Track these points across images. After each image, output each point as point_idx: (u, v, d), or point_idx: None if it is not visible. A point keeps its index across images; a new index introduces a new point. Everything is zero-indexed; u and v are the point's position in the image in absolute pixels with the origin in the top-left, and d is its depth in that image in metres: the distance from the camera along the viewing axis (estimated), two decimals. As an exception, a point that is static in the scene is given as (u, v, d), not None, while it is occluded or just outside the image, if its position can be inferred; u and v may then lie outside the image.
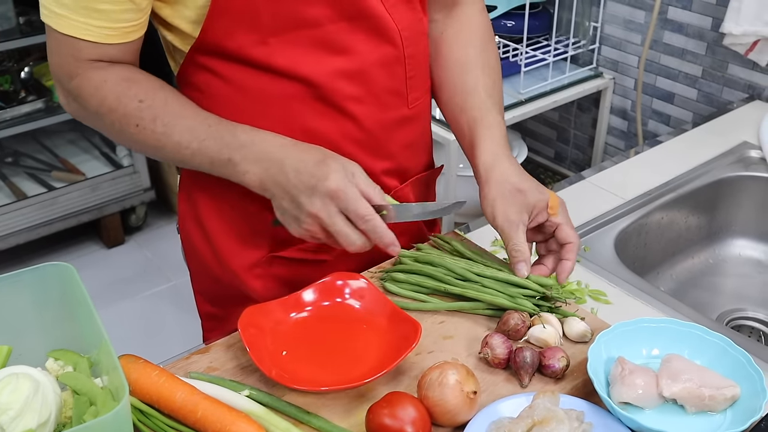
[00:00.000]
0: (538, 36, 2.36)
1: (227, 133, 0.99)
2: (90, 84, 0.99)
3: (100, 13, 0.94)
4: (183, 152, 1.00)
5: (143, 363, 0.92)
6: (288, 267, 1.13)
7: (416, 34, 1.10)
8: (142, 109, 0.99)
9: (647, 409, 0.92)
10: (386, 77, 1.07)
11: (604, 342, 0.97)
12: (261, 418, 0.88)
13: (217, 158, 0.99)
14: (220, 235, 1.13)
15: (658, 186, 1.50)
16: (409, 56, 1.08)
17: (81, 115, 1.05)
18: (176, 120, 0.99)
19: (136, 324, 2.59)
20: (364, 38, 1.03)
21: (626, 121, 2.38)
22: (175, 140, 0.99)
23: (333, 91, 1.03)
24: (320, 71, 1.01)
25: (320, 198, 0.94)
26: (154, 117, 0.99)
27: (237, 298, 1.14)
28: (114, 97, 0.99)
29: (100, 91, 0.99)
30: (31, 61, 2.83)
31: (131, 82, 1.00)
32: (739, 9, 1.83)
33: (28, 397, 0.78)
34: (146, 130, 0.99)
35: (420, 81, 1.13)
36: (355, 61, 1.03)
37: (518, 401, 0.91)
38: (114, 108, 0.99)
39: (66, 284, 0.88)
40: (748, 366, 0.93)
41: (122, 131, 1.01)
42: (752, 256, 1.59)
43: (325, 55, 1.01)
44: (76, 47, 0.97)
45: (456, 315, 1.09)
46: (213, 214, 1.13)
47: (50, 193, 2.73)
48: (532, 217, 1.07)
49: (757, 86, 1.96)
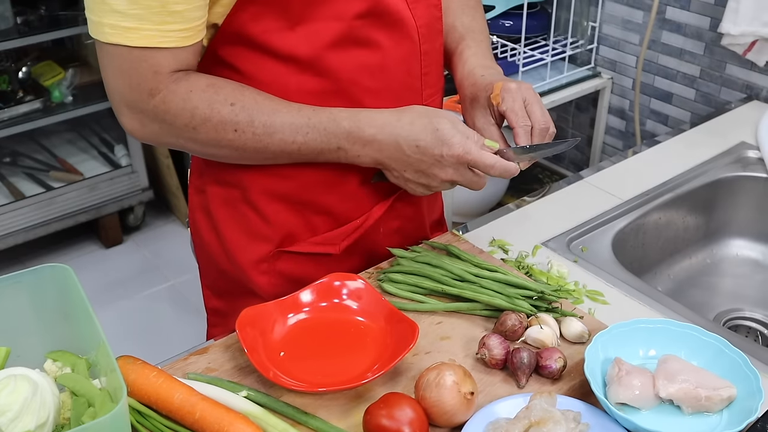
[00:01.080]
0: (536, 36, 2.36)
1: (330, 123, 0.99)
2: (177, 97, 0.95)
3: (175, 15, 0.90)
4: (288, 148, 1.00)
5: (141, 364, 0.92)
6: (293, 262, 1.13)
7: (433, 32, 1.10)
8: (236, 113, 0.96)
9: (644, 409, 0.92)
10: (404, 73, 1.07)
11: (601, 343, 0.97)
12: (259, 419, 0.89)
13: (326, 148, 1.01)
14: (228, 228, 1.13)
15: (656, 186, 1.51)
16: (424, 52, 1.09)
17: (162, 134, 0.99)
18: (273, 117, 0.98)
19: (135, 324, 2.59)
20: (387, 33, 1.03)
21: (624, 120, 2.38)
22: (278, 138, 0.98)
23: (354, 84, 1.03)
24: (344, 64, 1.01)
25: (451, 165, 1.01)
26: (250, 119, 0.97)
27: (242, 293, 1.15)
28: (205, 105, 0.95)
29: (189, 102, 0.95)
30: (29, 60, 2.83)
31: (216, 87, 0.97)
32: (737, 9, 1.83)
33: (27, 399, 0.78)
34: (246, 134, 0.97)
35: (434, 78, 1.13)
36: (378, 55, 1.03)
37: (515, 402, 0.91)
38: (208, 116, 0.96)
39: (64, 286, 0.88)
40: (745, 367, 0.93)
41: (219, 140, 0.98)
42: (750, 256, 1.60)
43: (349, 48, 1.01)
44: (155, 60, 0.92)
45: (453, 316, 1.09)
46: (223, 206, 1.12)
47: (48, 193, 2.73)
48: (492, 110, 1.09)
49: (755, 86, 1.96)
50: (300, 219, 1.11)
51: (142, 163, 2.88)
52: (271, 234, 1.11)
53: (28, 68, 2.82)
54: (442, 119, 1.01)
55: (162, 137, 1.00)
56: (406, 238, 1.22)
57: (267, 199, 1.09)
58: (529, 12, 2.19)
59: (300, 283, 1.09)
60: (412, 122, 1.01)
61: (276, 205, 1.09)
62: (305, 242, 1.12)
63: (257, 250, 1.12)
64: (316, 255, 1.13)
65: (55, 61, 2.82)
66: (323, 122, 0.99)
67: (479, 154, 1.00)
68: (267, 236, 1.11)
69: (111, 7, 0.88)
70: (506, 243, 1.29)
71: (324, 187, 1.08)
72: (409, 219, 1.20)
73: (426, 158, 1.01)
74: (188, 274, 2.81)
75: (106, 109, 2.82)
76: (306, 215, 1.10)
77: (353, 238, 1.13)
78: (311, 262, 1.13)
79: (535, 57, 2.26)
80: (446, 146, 0.99)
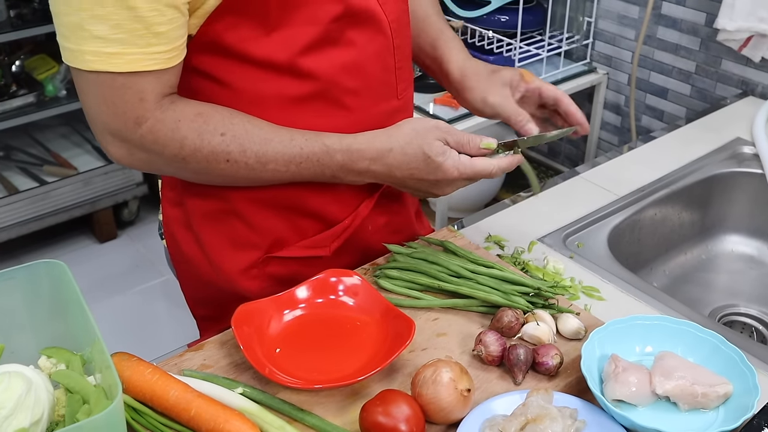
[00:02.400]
0: (531, 31, 2.36)
1: (323, 155, 1.00)
2: (165, 127, 0.93)
3: (159, 36, 0.87)
4: (282, 176, 1.00)
5: (136, 361, 0.91)
6: (284, 265, 1.12)
7: (402, 25, 1.10)
8: (227, 143, 0.95)
9: (640, 406, 0.92)
10: (379, 69, 1.07)
11: (598, 339, 0.97)
12: (254, 416, 0.88)
13: (321, 176, 1.02)
14: (213, 240, 1.11)
15: (652, 182, 1.51)
16: (397, 47, 1.09)
17: (150, 163, 0.97)
18: (265, 147, 0.97)
19: (129, 318, 2.59)
20: (361, 31, 1.02)
21: (620, 116, 2.38)
22: (271, 168, 0.98)
23: (333, 84, 1.02)
24: (321, 65, 1.00)
25: (449, 185, 1.04)
26: (242, 149, 0.96)
27: (231, 299, 1.12)
28: (195, 136, 0.94)
29: (178, 133, 0.93)
30: (23, 54, 2.81)
31: (205, 117, 0.95)
32: (732, 5, 1.83)
33: (21, 396, 0.77)
34: (238, 163, 0.97)
35: (407, 72, 1.14)
36: (353, 53, 1.03)
37: (512, 399, 0.91)
38: (198, 147, 0.94)
39: (58, 282, 0.87)
40: (741, 363, 0.93)
41: (210, 170, 0.97)
42: (745, 252, 1.60)
43: (325, 49, 1.00)
44: (139, 86, 0.89)
45: (450, 312, 1.09)
46: (204, 219, 1.10)
47: (42, 188, 2.72)
48: (512, 90, 1.16)
49: (751, 82, 1.96)
50: (287, 224, 1.09)
51: (136, 158, 2.87)
52: (259, 241, 1.10)
53: (21, 62, 2.80)
54: (432, 141, 1.01)
55: (151, 165, 0.98)
56: (394, 233, 1.21)
57: (253, 207, 1.07)
58: (524, 7, 2.18)
59: (292, 283, 1.08)
60: (404, 152, 1.01)
61: (262, 212, 1.08)
62: (294, 246, 1.11)
63: (245, 258, 1.11)
64: (308, 258, 1.12)
65: (49, 54, 2.81)
66: (316, 153, 0.99)
67: (473, 168, 1.03)
68: (255, 244, 1.10)
69: (91, 34, 0.85)
70: (502, 239, 1.29)
71: (309, 191, 1.07)
72: (396, 213, 1.21)
73: (423, 183, 1.04)
74: (183, 269, 2.80)
75: (100, 104, 2.81)
76: (293, 219, 1.09)
77: (343, 239, 1.13)
78: (302, 265, 1.12)
79: (530, 52, 2.25)
80: (440, 172, 1.02)
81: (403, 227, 1.24)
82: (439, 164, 1.01)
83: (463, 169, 1.02)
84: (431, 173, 1.02)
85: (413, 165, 1.02)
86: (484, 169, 1.03)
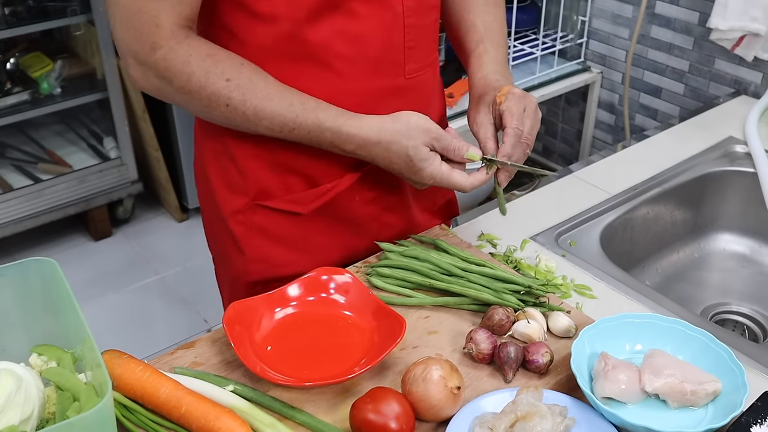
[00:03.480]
0: (526, 30, 2.37)
1: (314, 128, 1.03)
2: (177, 57, 0.99)
3: None
4: (273, 134, 1.05)
5: (127, 358, 0.92)
6: (268, 217, 1.16)
7: (423, 7, 1.11)
8: (230, 89, 1.00)
9: (630, 404, 0.93)
10: (382, 43, 1.08)
11: (588, 337, 0.98)
12: (246, 413, 0.88)
13: (314, 141, 1.05)
14: (215, 177, 1.18)
15: (645, 180, 1.51)
16: (409, 26, 1.09)
17: (161, 90, 1.04)
18: (264, 103, 1.02)
19: (123, 317, 2.59)
20: (366, 2, 1.04)
21: (614, 115, 2.39)
22: (265, 125, 1.03)
23: (326, 49, 1.05)
24: (320, 29, 1.03)
25: (426, 183, 1.08)
26: (243, 98, 1.01)
27: (227, 244, 1.20)
28: (202, 74, 1.00)
29: (188, 66, 0.99)
30: (17, 52, 2.81)
31: (216, 59, 1.01)
32: (725, 4, 1.84)
33: (11, 393, 0.77)
34: (237, 111, 1.02)
35: (421, 53, 1.14)
36: (354, 23, 1.04)
37: (502, 396, 0.92)
38: (203, 85, 1.00)
39: (49, 279, 0.87)
40: (730, 361, 0.93)
41: (211, 109, 1.03)
42: (737, 250, 1.60)
43: (327, 14, 1.03)
44: (155, 11, 0.96)
45: (441, 310, 1.09)
46: (210, 157, 1.18)
47: (37, 186, 2.72)
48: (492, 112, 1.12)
49: (743, 81, 1.97)
50: (276, 176, 1.14)
51: (131, 156, 2.87)
52: (247, 187, 1.15)
53: (16, 60, 2.80)
54: (418, 145, 1.04)
55: (161, 92, 1.04)
56: (387, 210, 1.21)
57: (245, 155, 1.13)
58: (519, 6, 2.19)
59: (274, 239, 1.15)
60: (388, 148, 1.04)
61: (253, 161, 1.13)
62: (278, 199, 1.15)
63: (235, 202, 1.17)
64: (290, 213, 1.16)
65: (44, 52, 2.80)
66: (308, 125, 1.03)
67: (449, 180, 1.06)
68: (243, 189, 1.15)
69: None
70: (495, 237, 1.29)
71: (299, 150, 1.10)
72: (387, 190, 1.20)
73: (404, 175, 1.08)
74: (177, 267, 2.80)
75: (95, 101, 2.81)
76: (282, 174, 1.14)
77: (322, 201, 1.15)
78: (286, 221, 1.16)
79: (525, 51, 2.26)
80: (417, 174, 1.05)
81: (398, 207, 1.23)
82: (419, 169, 1.05)
83: (440, 179, 1.06)
84: (410, 172, 1.06)
85: (394, 161, 1.05)
86: (458, 182, 1.07)
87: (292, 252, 1.17)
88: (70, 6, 2.64)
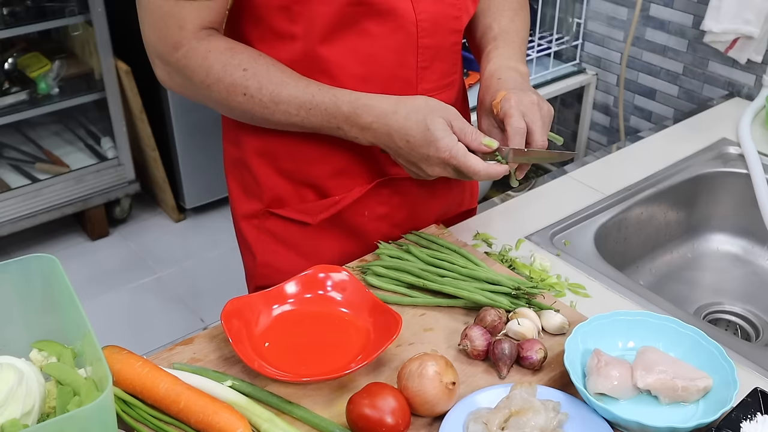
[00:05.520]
0: (522, 31, 2.37)
1: (331, 105, 1.04)
2: (197, 55, 1.03)
3: None
4: (291, 119, 1.06)
5: (127, 354, 0.93)
6: (281, 225, 1.19)
7: (441, 29, 1.11)
8: (247, 78, 1.03)
9: (622, 399, 0.94)
10: (394, 63, 1.09)
11: (581, 334, 0.99)
12: (243, 408, 0.89)
13: (326, 126, 1.06)
14: (233, 181, 1.24)
15: (639, 181, 1.52)
16: (424, 47, 1.10)
17: (185, 87, 1.07)
18: (280, 88, 1.04)
19: (121, 316, 2.59)
20: (378, 22, 1.06)
21: (609, 116, 2.40)
22: (283, 109, 1.05)
23: (339, 67, 1.07)
24: (334, 48, 1.06)
25: (437, 164, 1.04)
26: (259, 86, 1.04)
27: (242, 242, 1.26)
28: (220, 67, 1.03)
29: (206, 61, 1.03)
30: (15, 52, 2.81)
31: (234, 51, 1.04)
32: (719, 7, 1.85)
33: (12, 388, 0.78)
34: (254, 99, 1.04)
35: (435, 73, 1.14)
36: (367, 42, 1.06)
37: (496, 392, 0.93)
38: (220, 77, 1.03)
39: (49, 276, 0.88)
40: (721, 358, 0.95)
41: (229, 100, 1.05)
42: (730, 250, 1.62)
43: (341, 34, 1.05)
44: (181, 15, 1.01)
45: (436, 308, 1.10)
46: (229, 161, 1.23)
47: (34, 185, 2.72)
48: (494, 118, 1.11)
49: (737, 83, 1.98)
50: (289, 185, 1.17)
51: (128, 156, 2.88)
52: (261, 194, 1.19)
53: (14, 59, 2.80)
54: (436, 118, 1.02)
55: (184, 90, 1.08)
56: (396, 227, 1.23)
57: (260, 163, 1.16)
58: (515, 8, 2.19)
59: (286, 245, 1.20)
60: (407, 117, 1.03)
61: (266, 169, 1.16)
62: (289, 208, 1.18)
63: (250, 206, 1.21)
64: (299, 223, 1.19)
65: (42, 52, 2.81)
66: (325, 102, 1.04)
67: (465, 159, 1.02)
68: (258, 195, 1.19)
69: None
70: (490, 236, 1.30)
71: (312, 161, 1.13)
72: (397, 207, 1.22)
73: (414, 153, 1.04)
74: (174, 266, 2.81)
75: (93, 101, 2.81)
76: (295, 184, 1.17)
77: (330, 213, 1.17)
78: (296, 229, 1.19)
79: (521, 52, 2.27)
80: (433, 147, 1.02)
81: (408, 223, 1.25)
82: (436, 139, 1.01)
83: (455, 153, 1.02)
84: (425, 146, 1.02)
85: (411, 133, 1.03)
86: (474, 166, 1.02)
87: (299, 260, 1.18)
88: (68, 6, 2.65)
